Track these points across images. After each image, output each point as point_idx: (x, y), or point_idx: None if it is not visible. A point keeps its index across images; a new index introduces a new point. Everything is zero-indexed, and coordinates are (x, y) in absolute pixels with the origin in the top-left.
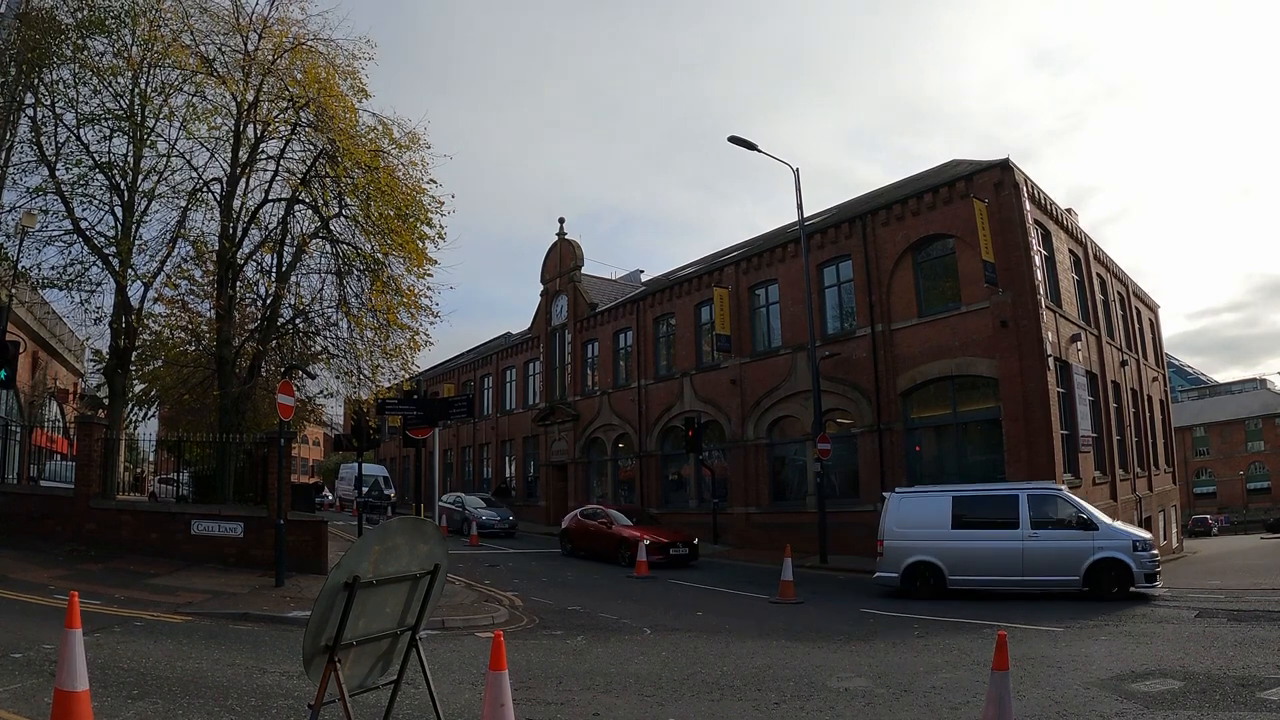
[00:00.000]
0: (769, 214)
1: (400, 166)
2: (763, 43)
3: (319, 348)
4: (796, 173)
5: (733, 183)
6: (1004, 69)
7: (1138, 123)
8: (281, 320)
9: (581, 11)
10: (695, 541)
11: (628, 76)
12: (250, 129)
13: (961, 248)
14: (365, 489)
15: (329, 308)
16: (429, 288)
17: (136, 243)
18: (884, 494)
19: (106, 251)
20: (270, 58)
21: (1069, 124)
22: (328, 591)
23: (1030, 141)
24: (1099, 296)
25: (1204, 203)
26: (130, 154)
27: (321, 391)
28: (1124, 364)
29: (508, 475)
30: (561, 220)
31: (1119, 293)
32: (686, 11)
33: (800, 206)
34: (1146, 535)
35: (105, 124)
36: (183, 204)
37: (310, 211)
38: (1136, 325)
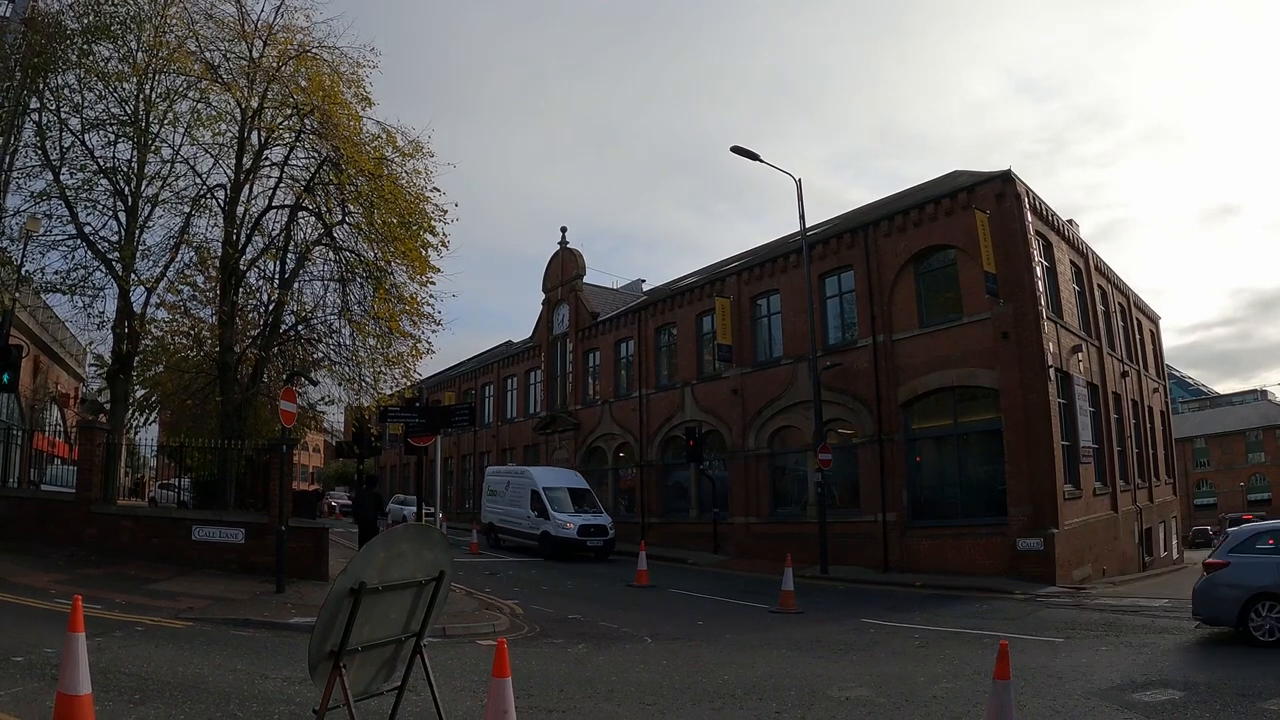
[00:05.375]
0: (764, 232)
1: (404, 175)
2: (752, 73)
3: (321, 355)
4: (799, 183)
5: (728, 203)
6: (986, 95)
7: (1119, 144)
8: (284, 327)
9: (579, 40)
10: None
11: (625, 102)
12: (254, 135)
13: (963, 259)
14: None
15: (331, 315)
16: (431, 295)
17: (140, 248)
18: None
19: (110, 257)
20: (275, 65)
21: (1051, 147)
22: (333, 597)
23: (1013, 163)
24: (1100, 307)
25: (1187, 221)
26: (134, 159)
27: (323, 398)
28: (1125, 375)
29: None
30: (564, 229)
31: (1119, 304)
32: (678, 42)
33: (802, 216)
34: None
35: (110, 129)
36: (186, 210)
37: (314, 218)
38: (1137, 336)
